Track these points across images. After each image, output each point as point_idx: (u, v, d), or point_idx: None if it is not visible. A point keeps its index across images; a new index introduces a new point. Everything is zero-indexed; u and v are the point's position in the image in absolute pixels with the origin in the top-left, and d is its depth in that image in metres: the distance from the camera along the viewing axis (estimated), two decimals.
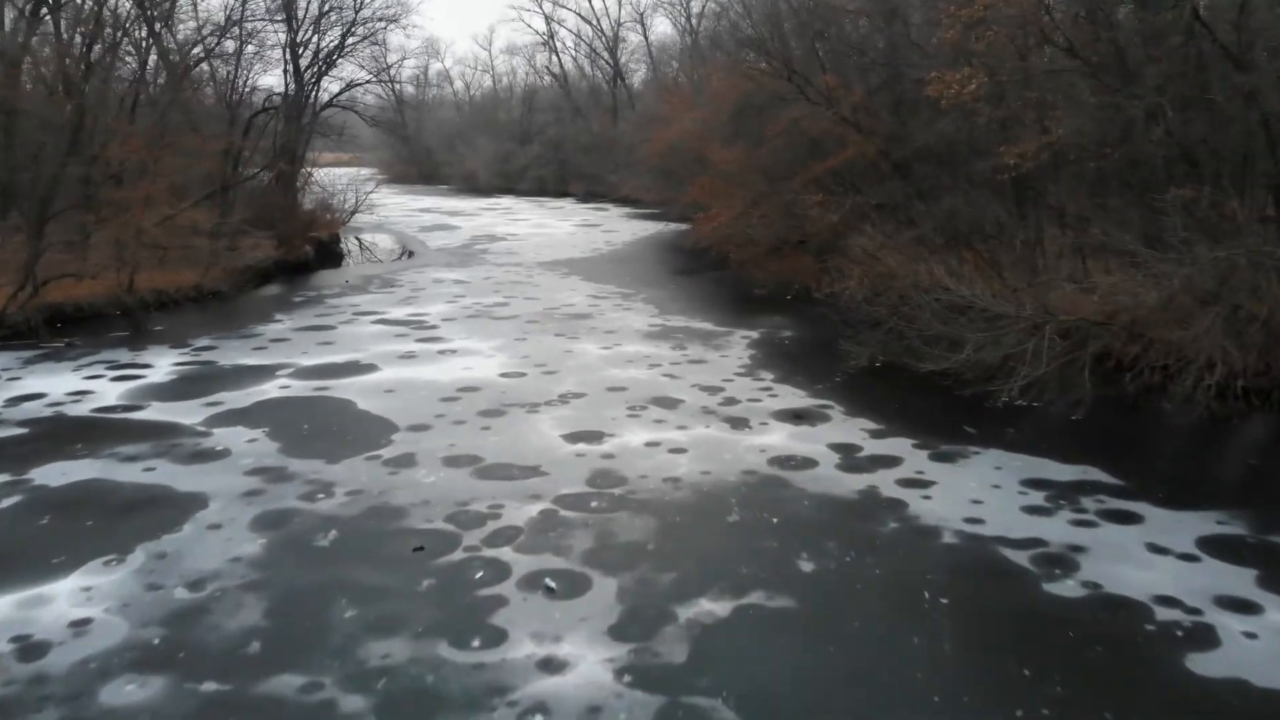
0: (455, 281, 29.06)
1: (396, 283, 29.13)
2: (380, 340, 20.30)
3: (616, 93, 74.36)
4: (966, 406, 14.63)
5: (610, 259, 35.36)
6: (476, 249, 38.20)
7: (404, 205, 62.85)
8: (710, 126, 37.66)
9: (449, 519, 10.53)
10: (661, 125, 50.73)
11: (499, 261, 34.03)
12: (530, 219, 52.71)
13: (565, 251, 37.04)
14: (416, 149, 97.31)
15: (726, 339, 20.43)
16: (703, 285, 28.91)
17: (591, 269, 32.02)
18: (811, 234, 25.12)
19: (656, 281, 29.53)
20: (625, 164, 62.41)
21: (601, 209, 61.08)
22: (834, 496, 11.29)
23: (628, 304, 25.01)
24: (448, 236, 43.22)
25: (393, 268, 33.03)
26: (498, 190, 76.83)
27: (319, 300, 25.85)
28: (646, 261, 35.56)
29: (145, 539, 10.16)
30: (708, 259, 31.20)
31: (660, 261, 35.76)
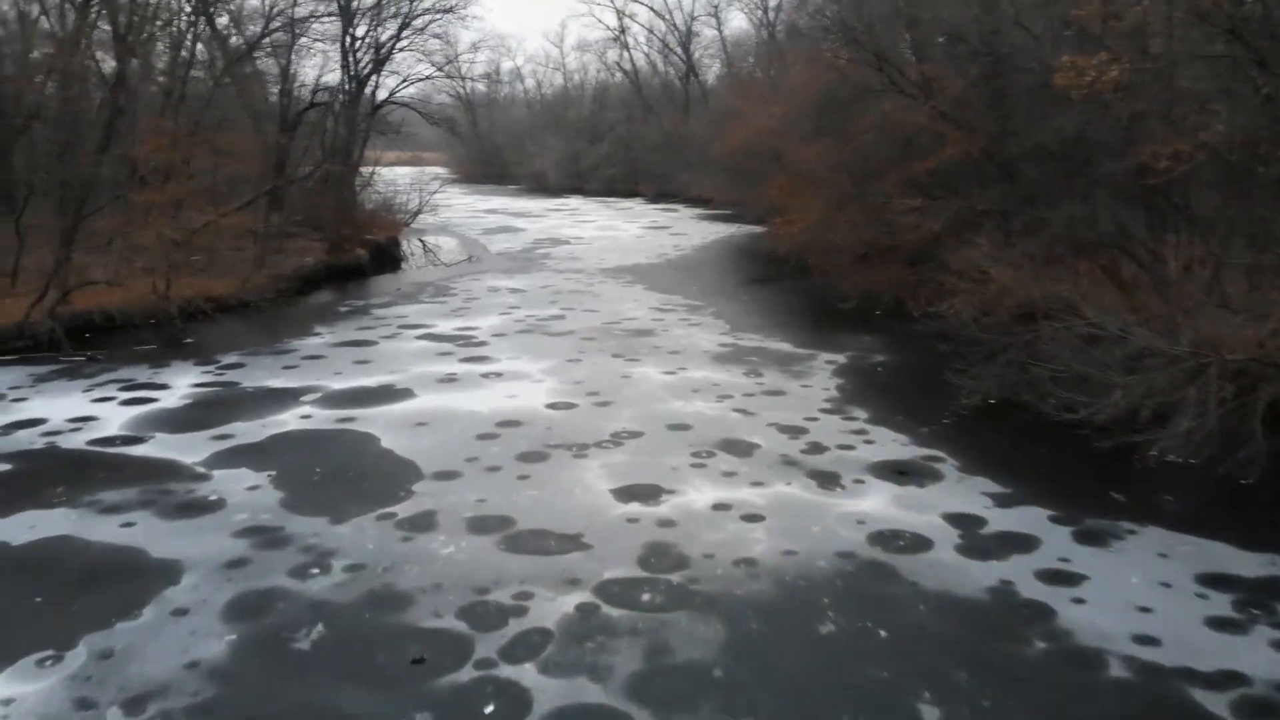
0: (511, 290, 27.08)
1: (450, 291, 27.28)
2: (421, 359, 18.34)
3: (689, 89, 71.94)
4: (1108, 463, 11.91)
5: (678, 265, 33.03)
6: (538, 253, 36.26)
7: (470, 206, 61.53)
8: (789, 122, 35.06)
9: (463, 613, 8.36)
10: (735, 122, 48.25)
11: (560, 268, 31.99)
12: (596, 221, 50.71)
13: (630, 257, 34.84)
14: (487, 148, 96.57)
15: (808, 364, 17.92)
16: (780, 297, 26.38)
17: (657, 277, 29.74)
18: (903, 241, 22.38)
19: (728, 292, 27.10)
20: (697, 163, 59.97)
21: (671, 210, 58.79)
22: (958, 597, 8.77)
23: (695, 318, 22.64)
24: (510, 239, 41.43)
25: (449, 273, 31.25)
26: (566, 190, 75.17)
27: (365, 311, 24.10)
28: (717, 268, 33.12)
29: (96, 626, 8.23)
30: (785, 266, 28.63)
31: (732, 269, 33.27)
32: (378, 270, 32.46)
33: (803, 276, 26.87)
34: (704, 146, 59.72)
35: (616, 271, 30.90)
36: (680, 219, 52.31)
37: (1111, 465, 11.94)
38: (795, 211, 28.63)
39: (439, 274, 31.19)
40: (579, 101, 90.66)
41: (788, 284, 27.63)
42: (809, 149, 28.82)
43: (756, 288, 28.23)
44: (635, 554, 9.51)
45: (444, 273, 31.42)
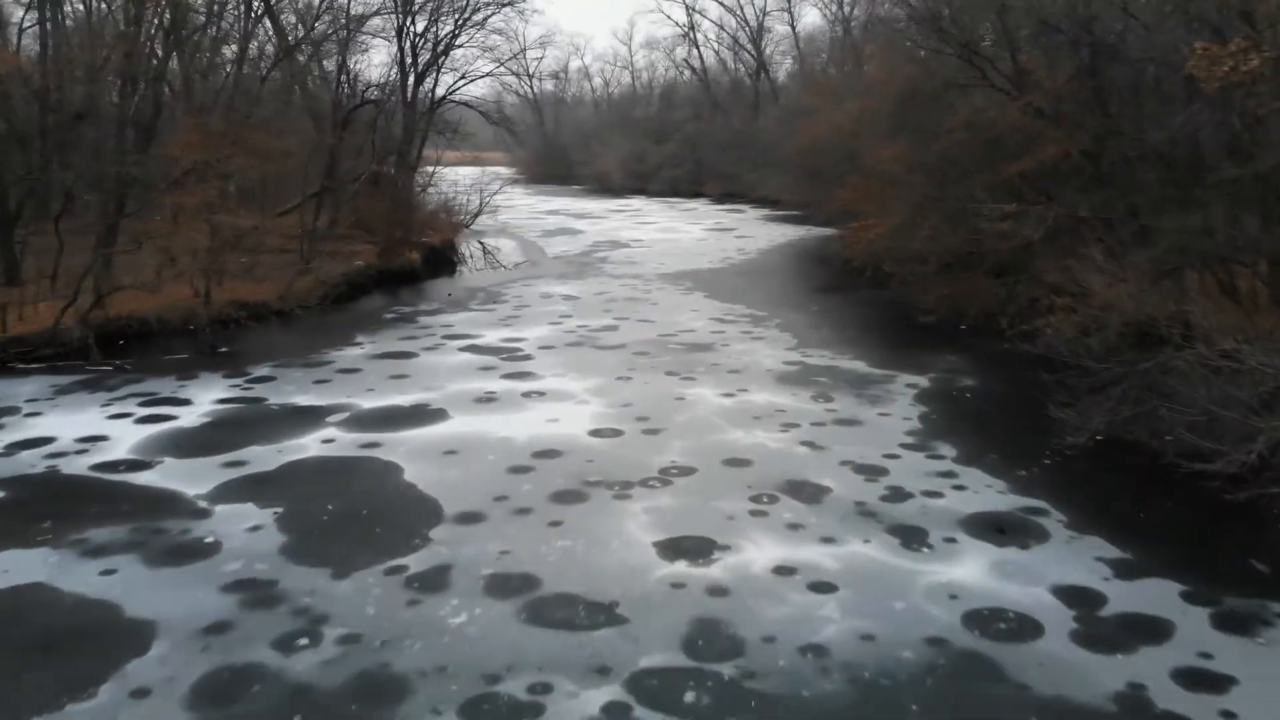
0: (564, 297, 25.73)
1: (501, 297, 26.05)
2: (461, 375, 17.06)
3: (759, 86, 69.97)
4: (1244, 521, 10.00)
5: (742, 271, 31.31)
6: (596, 257, 34.89)
7: (532, 207, 60.63)
8: (865, 119, 33.10)
9: (464, 711, 6.90)
10: (807, 120, 46.26)
11: (617, 273, 30.55)
12: (658, 222, 49.22)
13: (691, 261, 33.23)
14: (553, 148, 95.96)
15: (886, 388, 16.12)
16: (853, 308, 24.52)
17: (719, 284, 28.08)
18: (992, 250, 20.36)
19: (796, 302, 25.32)
20: (765, 162, 58.09)
21: (737, 210, 56.99)
22: (1076, 705, 7.01)
23: (759, 331, 20.97)
24: (569, 242, 40.18)
25: (503, 278, 30.08)
26: (630, 191, 73.85)
27: (410, 319, 22.98)
28: (784, 275, 31.31)
29: (42, 708, 7.02)
30: (859, 275, 26.67)
31: (801, 275, 31.41)
32: (433, 274, 31.48)
33: (879, 286, 24.92)
34: (773, 145, 57.79)
35: (676, 277, 29.33)
36: (746, 221, 50.52)
37: (1248, 524, 10.03)
38: (871, 215, 26.72)
39: (493, 278, 30.02)
40: (646, 100, 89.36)
41: (862, 294, 25.71)
42: (887, 148, 26.91)
43: (827, 297, 26.39)
44: (679, 633, 7.95)
45: (498, 277, 30.25)
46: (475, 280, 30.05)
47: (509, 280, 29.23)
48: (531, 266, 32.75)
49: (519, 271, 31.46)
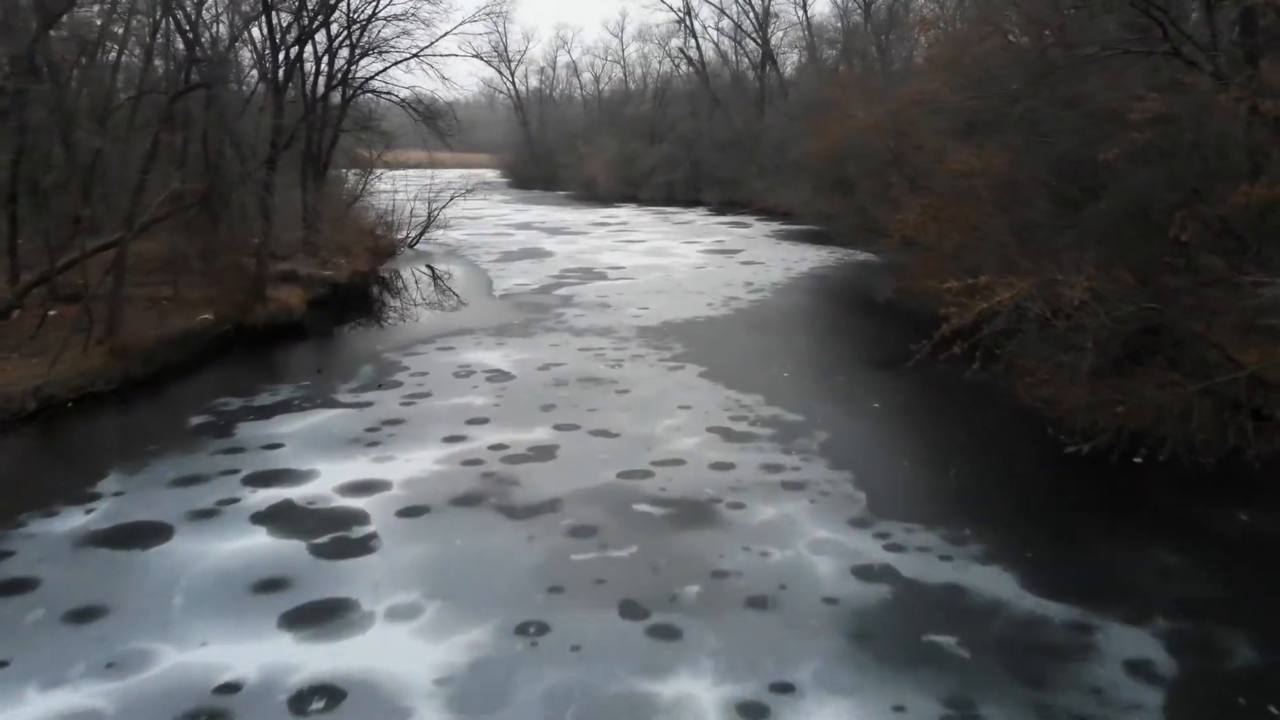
0: (490, 376, 17.11)
1: (396, 373, 17.42)
2: (207, 609, 8.50)
3: (764, 80, 61.40)
4: None
5: (755, 323, 22.67)
6: (558, 295, 26.27)
7: (502, 219, 52.08)
8: (915, 114, 24.65)
9: None
10: (827, 118, 37.73)
11: (580, 324, 21.93)
12: (647, 240, 40.60)
13: (684, 305, 24.63)
14: (537, 150, 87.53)
15: (1082, 642, 7.56)
16: (943, 411, 15.66)
17: (723, 350, 19.48)
18: (1186, 331, 11.86)
19: (846, 392, 16.66)
20: (774, 167, 49.54)
21: (741, 224, 48.42)
22: None
23: (795, 466, 12.33)
24: (531, 270, 31.55)
25: (422, 331, 21.53)
26: (619, 198, 65.36)
27: (223, 428, 14.29)
28: (817, 331, 22.68)
29: None
30: (925, 329, 18.17)
31: (842, 333, 22.68)
32: (334, 319, 23.01)
33: (965, 360, 16.28)
34: (782, 148, 49.31)
35: (660, 334, 20.73)
36: (753, 238, 41.92)
37: None
38: (948, 250, 18.30)
39: (404, 334, 21.45)
40: (639, 97, 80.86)
41: (947, 377, 17.04)
42: (967, 153, 18.47)
43: (893, 382, 17.66)
44: None
45: (412, 333, 21.65)
46: (379, 337, 21.50)
47: (427, 337, 20.61)
48: (468, 310, 24.17)
49: (447, 321, 22.87)
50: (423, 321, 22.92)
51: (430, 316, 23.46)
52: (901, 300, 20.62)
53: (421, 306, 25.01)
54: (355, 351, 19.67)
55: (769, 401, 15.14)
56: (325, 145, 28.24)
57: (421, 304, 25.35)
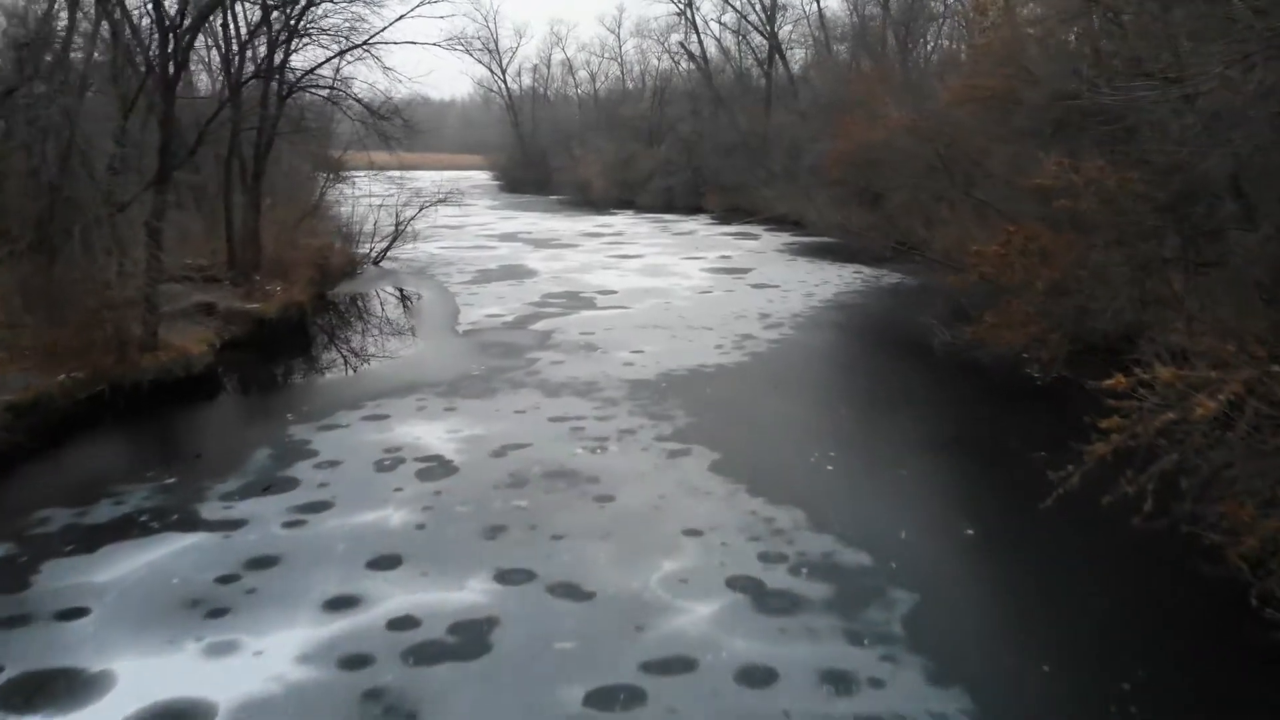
0: (422, 471, 12.46)
1: (290, 469, 12.76)
2: None
3: (771, 77, 56.79)
4: None
5: (778, 375, 18.05)
6: (535, 331, 21.67)
7: (486, 228, 47.53)
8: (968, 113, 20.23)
9: None
10: (849, 117, 33.19)
11: (556, 376, 17.30)
12: (644, 255, 35.99)
13: (687, 345, 20.05)
14: (530, 152, 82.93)
15: None
16: (1074, 544, 10.90)
17: (740, 420, 14.87)
18: None
19: (918, 494, 11.99)
20: (785, 173, 45.01)
21: (748, 234, 43.86)
22: None
23: (876, 676, 7.68)
24: (507, 295, 26.95)
25: (345, 394, 16.95)
26: (615, 203, 60.85)
27: (9, 579, 9.68)
28: (860, 388, 17.95)
29: None
30: (1010, 394, 13.73)
31: (892, 391, 17.79)
32: (254, 367, 18.53)
33: (1072, 439, 11.69)
34: (795, 151, 44.79)
35: (658, 394, 16.11)
36: (763, 253, 37.31)
37: None
38: (1038, 292, 13.77)
39: (329, 394, 16.86)
40: (637, 96, 76.29)
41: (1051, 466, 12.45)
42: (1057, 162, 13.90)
43: (981, 478, 13.10)
44: None
45: (340, 391, 17.05)
46: (296, 397, 16.94)
47: (357, 399, 15.97)
48: (418, 356, 19.60)
49: (393, 369, 18.28)
50: (359, 373, 18.32)
51: (370, 365, 18.85)
52: (965, 346, 16.11)
53: (364, 349, 20.43)
54: (256, 422, 15.05)
55: (814, 522, 10.52)
56: (262, 149, 23.61)
57: (364, 346, 20.78)
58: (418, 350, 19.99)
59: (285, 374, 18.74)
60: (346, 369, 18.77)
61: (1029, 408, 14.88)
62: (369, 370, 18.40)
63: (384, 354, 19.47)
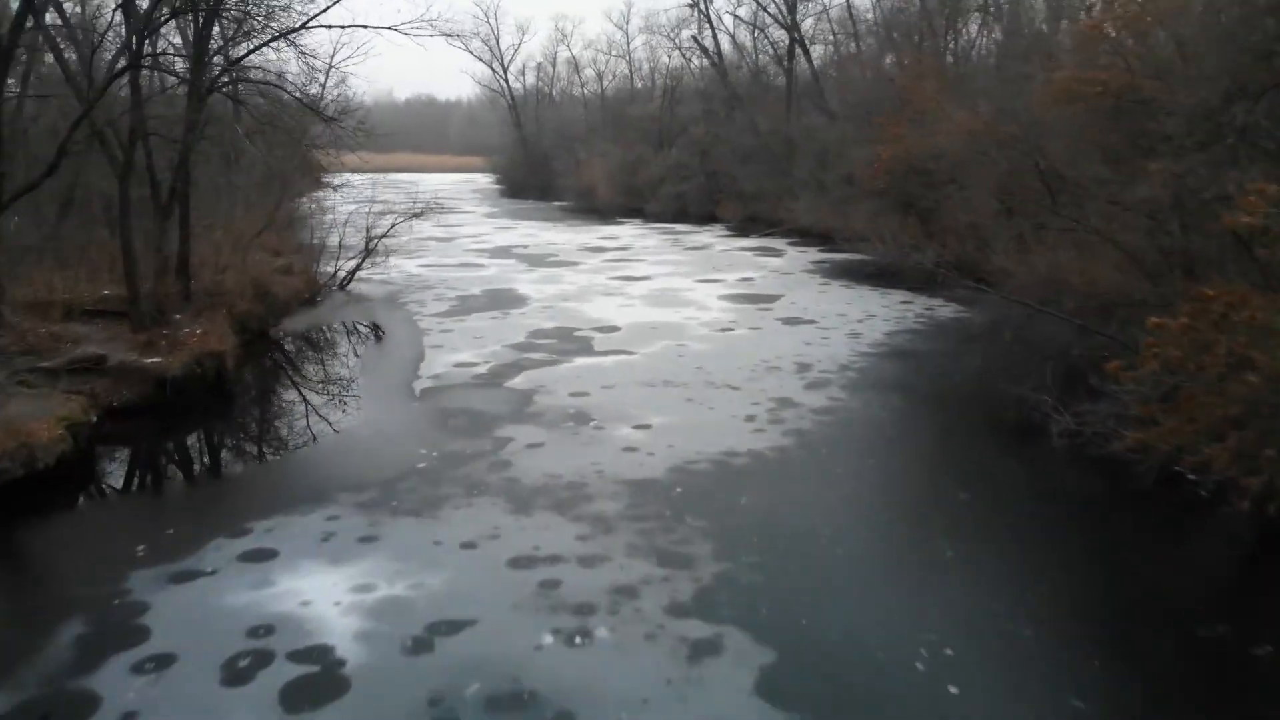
0: (293, 680, 7.72)
1: (101, 671, 8.11)
2: None
3: (792, 74, 51.99)
4: None
5: (837, 477, 13.23)
6: (512, 392, 16.93)
7: (479, 240, 42.91)
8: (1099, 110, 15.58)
9: None
10: (894, 119, 28.43)
11: (531, 472, 12.53)
12: (652, 277, 31.24)
13: (707, 416, 15.31)
14: (533, 155, 78.37)
15: None
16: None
17: (791, 570, 10.10)
18: None
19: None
20: (813, 181, 40.21)
21: (770, 249, 39.11)
22: None
23: None
24: (487, 333, 22.23)
25: (229, 508, 12.34)
26: (622, 211, 56.23)
27: None
28: (959, 507, 12.96)
29: None
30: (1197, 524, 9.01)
31: (1006, 511, 12.92)
32: (149, 441, 14.01)
33: None
34: (824, 156, 40.01)
35: (670, 508, 11.34)
36: (790, 273, 32.52)
37: None
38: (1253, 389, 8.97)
39: (211, 510, 12.20)
40: (646, 96, 71.62)
41: None
42: None
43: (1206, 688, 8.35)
44: None
45: (226, 502, 12.39)
46: (164, 516, 12.27)
47: (242, 520, 11.28)
48: (351, 437, 14.92)
49: (310, 460, 13.60)
50: (266, 464, 13.65)
51: (284, 452, 14.16)
52: (1096, 436, 11.45)
53: (285, 421, 15.78)
54: (87, 564, 10.34)
55: None
56: (178, 159, 18.95)
57: (287, 416, 16.12)
58: (355, 422, 15.29)
59: (164, 467, 14.04)
60: (249, 458, 14.13)
61: (1213, 549, 10.13)
62: (280, 461, 13.72)
63: (308, 432, 14.77)
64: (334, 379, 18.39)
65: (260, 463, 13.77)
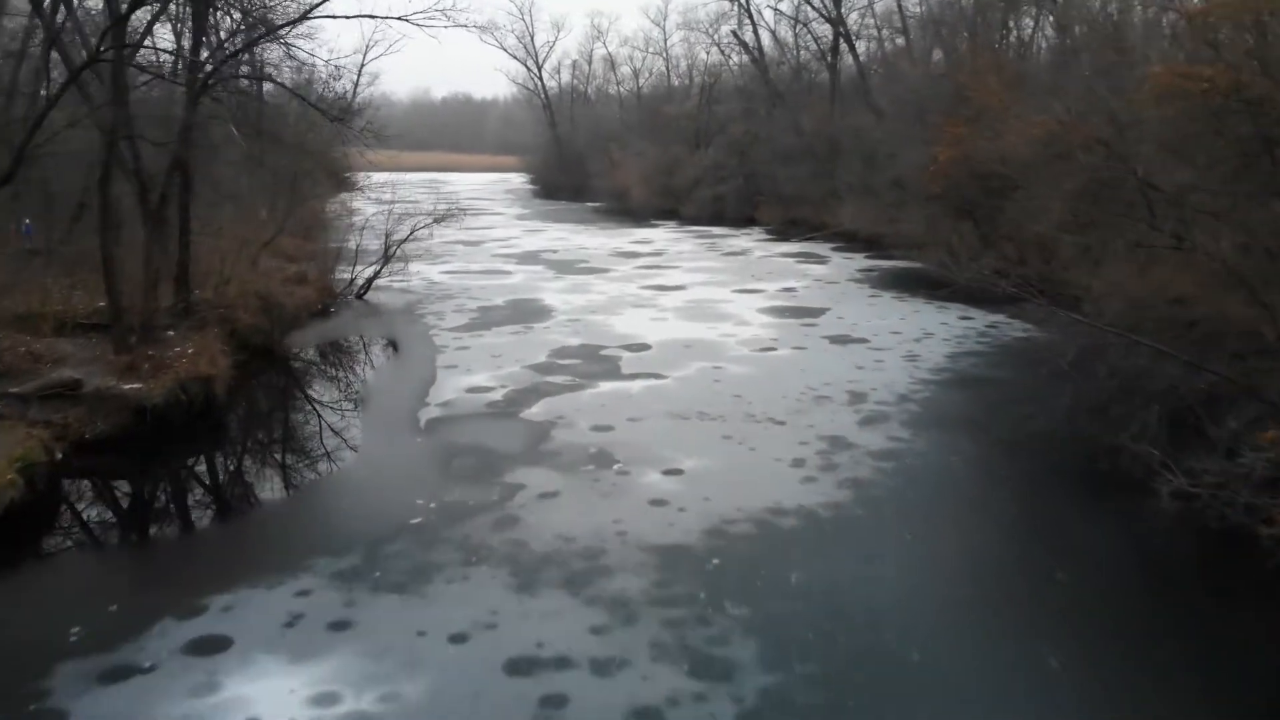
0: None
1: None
2: None
3: (836, 71, 49.70)
4: None
5: (903, 542, 11.19)
6: (527, 423, 15.07)
7: (507, 244, 41.20)
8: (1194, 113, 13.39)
9: None
10: (955, 119, 26.20)
11: (540, 529, 10.68)
12: (686, 286, 29.23)
13: (748, 459, 13.38)
14: (566, 154, 76.65)
15: None
16: None
17: (862, 687, 8.14)
18: None
19: None
20: (859, 186, 37.97)
21: (812, 255, 36.97)
22: None
23: None
24: (506, 353, 20.43)
25: (198, 572, 10.65)
26: (656, 212, 54.27)
27: None
28: (1065, 603, 10.88)
29: None
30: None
31: (1130, 612, 10.84)
32: (120, 482, 12.40)
33: None
34: (871, 156, 37.76)
35: (705, 588, 9.41)
36: (835, 282, 30.36)
37: None
38: None
39: (183, 567, 10.50)
40: (683, 94, 69.59)
41: None
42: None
43: None
44: None
45: (198, 559, 10.69)
46: (115, 584, 10.56)
47: (204, 589, 9.55)
48: (339, 481, 13.19)
49: (287, 515, 11.89)
50: (235, 522, 11.93)
51: (261, 504, 12.44)
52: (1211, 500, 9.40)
53: (271, 460, 14.11)
54: (8, 647, 8.67)
55: None
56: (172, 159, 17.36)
57: (277, 451, 14.45)
58: (349, 463, 13.56)
59: (125, 517, 12.37)
60: (223, 508, 12.41)
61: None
62: (256, 512, 12.01)
63: (294, 474, 13.06)
64: (333, 406, 16.70)
65: (234, 515, 12.07)
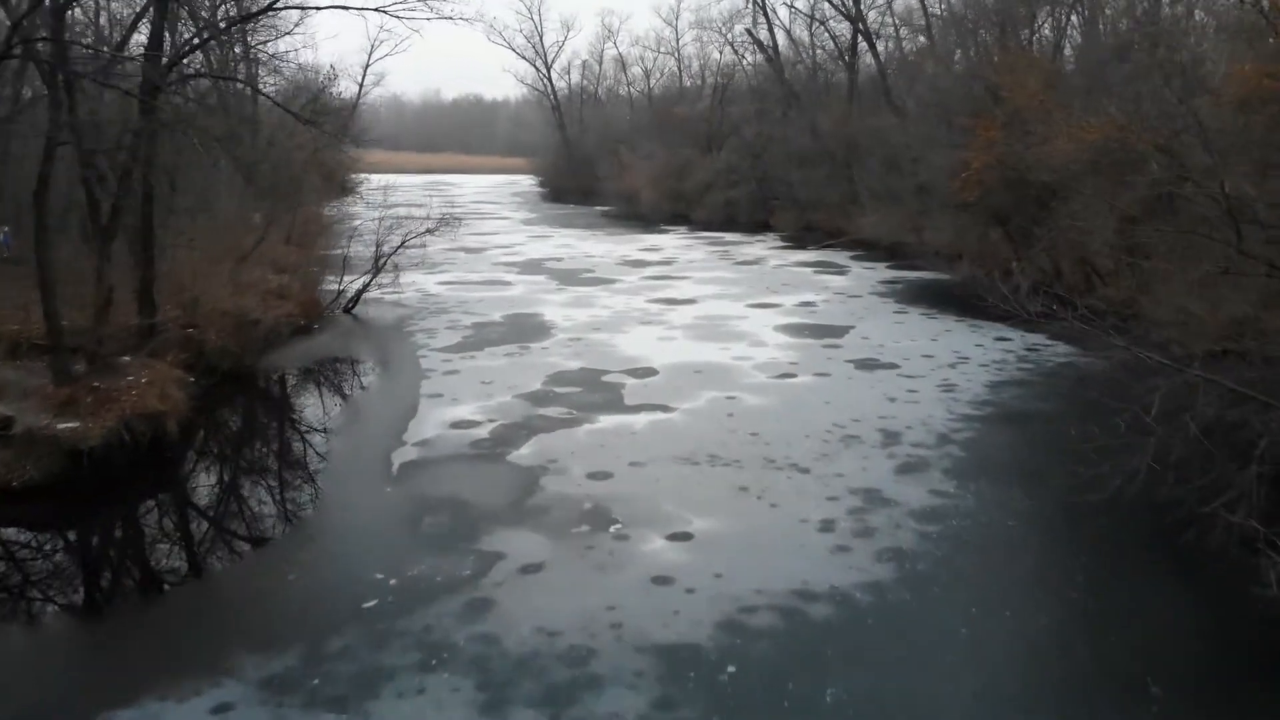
0: None
1: None
2: None
3: (855, 71, 47.68)
4: None
5: (962, 646, 9.26)
6: (514, 468, 13.20)
7: (510, 251, 39.33)
8: None
9: None
10: (988, 121, 24.17)
11: (516, 623, 8.79)
12: (697, 300, 27.25)
13: (768, 520, 11.45)
14: (575, 156, 74.84)
15: None
16: None
17: None
18: None
19: None
20: (881, 191, 35.94)
21: (831, 265, 34.94)
22: None
23: None
24: (498, 379, 18.54)
25: (92, 686, 8.72)
26: (666, 217, 52.35)
27: None
28: (1145, 708, 8.97)
29: None
30: None
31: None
32: (35, 550, 10.53)
33: None
34: (894, 160, 35.72)
35: (718, 696, 7.51)
36: (857, 296, 28.34)
37: None
38: None
39: (76, 679, 8.62)
40: (695, 95, 67.67)
41: None
42: None
43: None
44: None
45: (94, 668, 8.81)
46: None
47: (94, 714, 7.71)
48: (277, 561, 11.32)
49: (220, 598, 10.01)
50: (157, 606, 10.04)
51: (193, 580, 10.58)
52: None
53: (215, 520, 12.22)
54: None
55: None
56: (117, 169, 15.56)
57: (224, 507, 12.57)
58: (304, 521, 11.68)
59: (32, 593, 10.51)
60: (148, 584, 10.54)
61: None
62: (185, 591, 10.13)
63: (238, 539, 11.19)
64: (298, 445, 14.86)
65: (156, 593, 10.21)
